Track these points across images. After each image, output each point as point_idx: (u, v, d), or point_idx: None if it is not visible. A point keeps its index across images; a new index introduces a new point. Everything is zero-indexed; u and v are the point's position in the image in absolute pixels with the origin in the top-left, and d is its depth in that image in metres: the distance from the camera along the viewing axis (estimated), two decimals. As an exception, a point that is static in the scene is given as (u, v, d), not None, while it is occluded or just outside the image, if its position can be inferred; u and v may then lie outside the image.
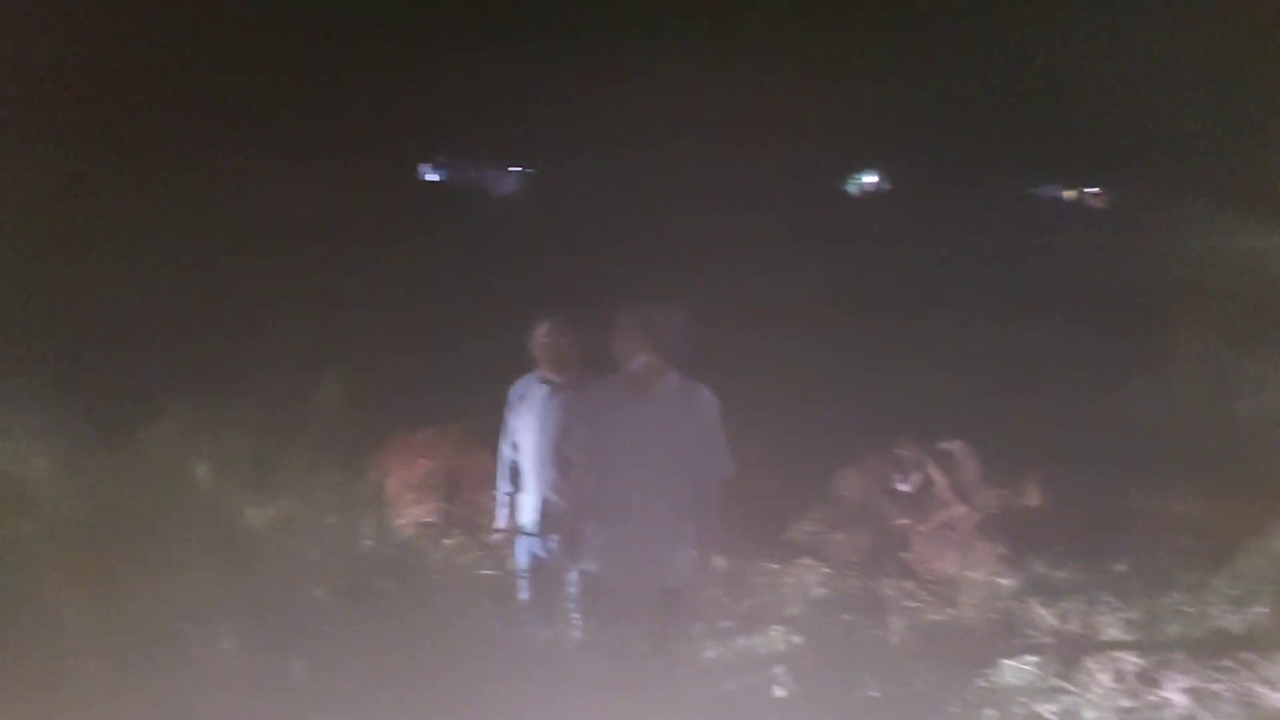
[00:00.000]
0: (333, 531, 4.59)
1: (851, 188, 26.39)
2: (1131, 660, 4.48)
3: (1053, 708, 4.12)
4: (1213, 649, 4.58)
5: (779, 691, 3.98)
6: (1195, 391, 7.19)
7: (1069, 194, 25.83)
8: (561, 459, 3.88)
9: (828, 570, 5.64)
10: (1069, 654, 4.57)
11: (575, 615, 3.86)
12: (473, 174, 21.95)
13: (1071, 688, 4.27)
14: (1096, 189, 26.12)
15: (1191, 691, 4.21)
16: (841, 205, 22.00)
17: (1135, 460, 6.45)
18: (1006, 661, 4.49)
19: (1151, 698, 4.18)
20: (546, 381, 4.13)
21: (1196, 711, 4.06)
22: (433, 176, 22.41)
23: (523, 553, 4.23)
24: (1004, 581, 5.38)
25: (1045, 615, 5.04)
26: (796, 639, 4.66)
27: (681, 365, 3.49)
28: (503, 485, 4.29)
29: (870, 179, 26.56)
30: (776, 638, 4.69)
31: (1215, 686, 4.24)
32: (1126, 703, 4.15)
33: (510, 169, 22.35)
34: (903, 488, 6.30)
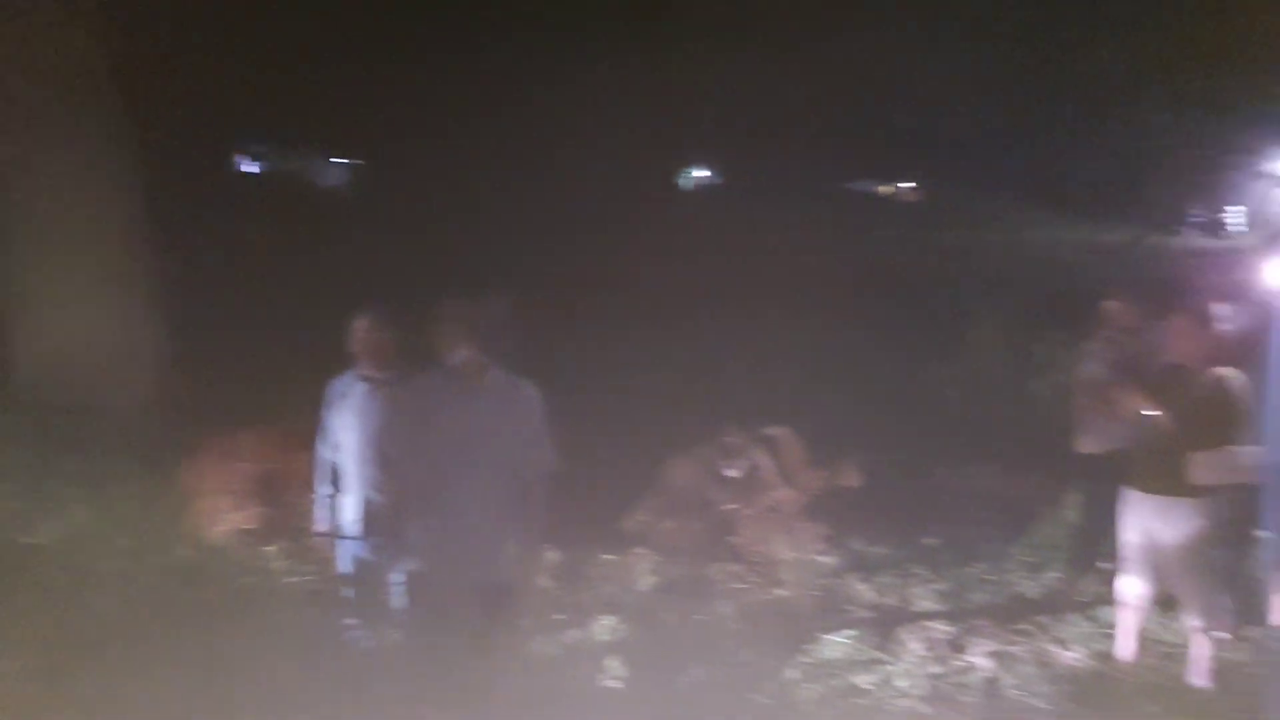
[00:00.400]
0: (141, 542, 4.32)
1: (684, 182, 26.88)
2: (941, 629, 4.76)
3: (870, 678, 4.32)
4: (1012, 614, 4.92)
5: (609, 681, 4.01)
6: (993, 374, 7.69)
7: (885, 189, 27.16)
8: (383, 457, 3.78)
9: (659, 558, 5.71)
10: (885, 626, 4.80)
11: (401, 616, 3.78)
12: (293, 165, 21.10)
13: (886, 658, 4.48)
14: (912, 184, 27.63)
15: (994, 655, 4.50)
16: (673, 199, 22.36)
17: (942, 439, 6.86)
18: (828, 637, 4.67)
19: (958, 663, 4.44)
20: (367, 378, 4.02)
21: (998, 673, 4.34)
22: (250, 168, 21.45)
23: (346, 555, 4.11)
24: (825, 560, 5.60)
25: (863, 590, 5.27)
26: (628, 628, 4.70)
27: (503, 360, 3.45)
28: (322, 487, 4.15)
29: (701, 173, 27.13)
30: (608, 628, 4.72)
31: (1014, 649, 4.56)
32: (936, 669, 4.39)
33: (333, 160, 21.61)
34: (731, 474, 6.44)
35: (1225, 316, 4.60)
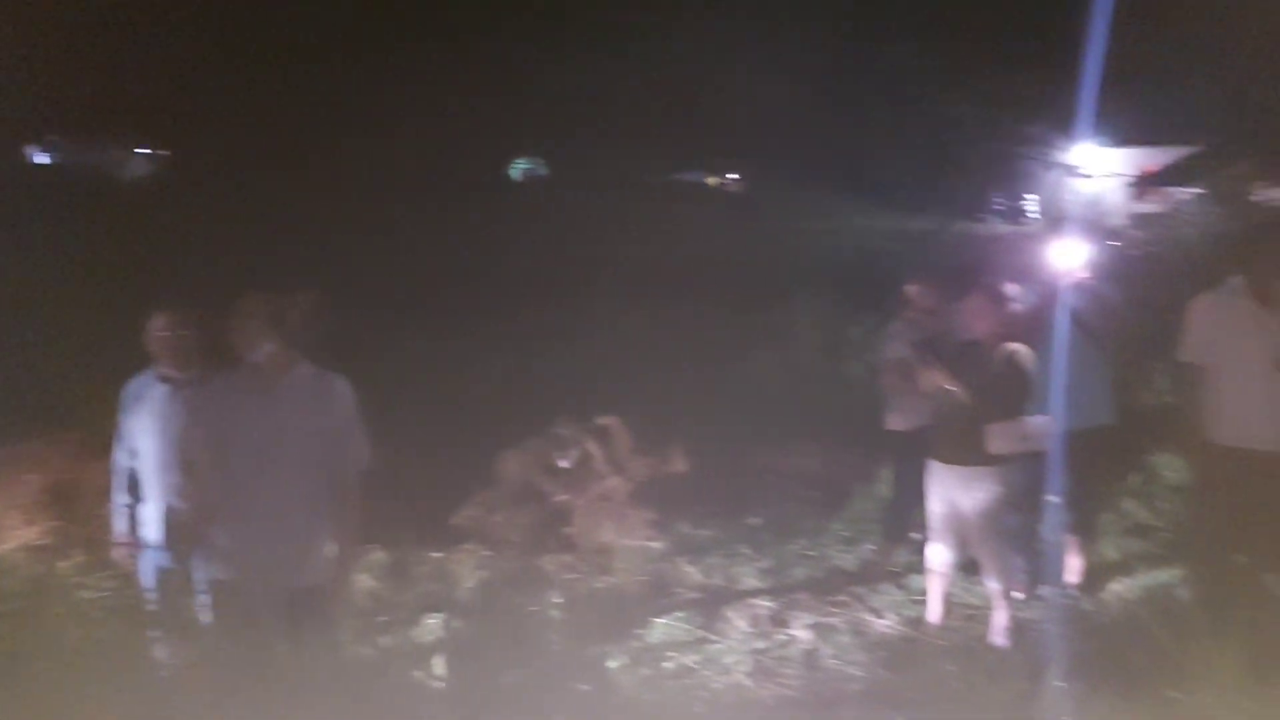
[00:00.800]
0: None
1: (514, 173, 26.72)
2: (764, 605, 4.90)
3: (697, 658, 4.41)
4: (830, 587, 5.12)
5: (434, 681, 3.93)
6: (811, 357, 7.98)
7: (711, 180, 27.74)
8: (185, 462, 3.57)
9: (489, 553, 5.66)
10: (712, 606, 4.91)
11: (210, 627, 3.59)
12: (90, 157, 19.70)
13: (713, 637, 4.59)
14: (735, 175, 28.34)
15: (813, 627, 4.67)
16: (501, 190, 22.13)
17: (763, 422, 7.06)
18: (657, 620, 4.75)
19: (780, 637, 4.59)
20: (166, 379, 3.80)
21: (817, 644, 4.51)
22: (42, 159, 19.98)
23: (149, 567, 3.88)
24: (655, 545, 5.67)
25: (691, 572, 5.37)
26: (456, 625, 4.63)
27: (312, 354, 3.32)
28: (120, 496, 3.90)
29: (530, 165, 26.98)
30: (435, 626, 4.64)
31: (832, 620, 4.74)
32: (760, 644, 4.52)
33: (134, 151, 20.31)
34: (563, 464, 6.43)
35: (1016, 296, 4.93)
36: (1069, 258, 4.69)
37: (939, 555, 4.56)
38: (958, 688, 3.64)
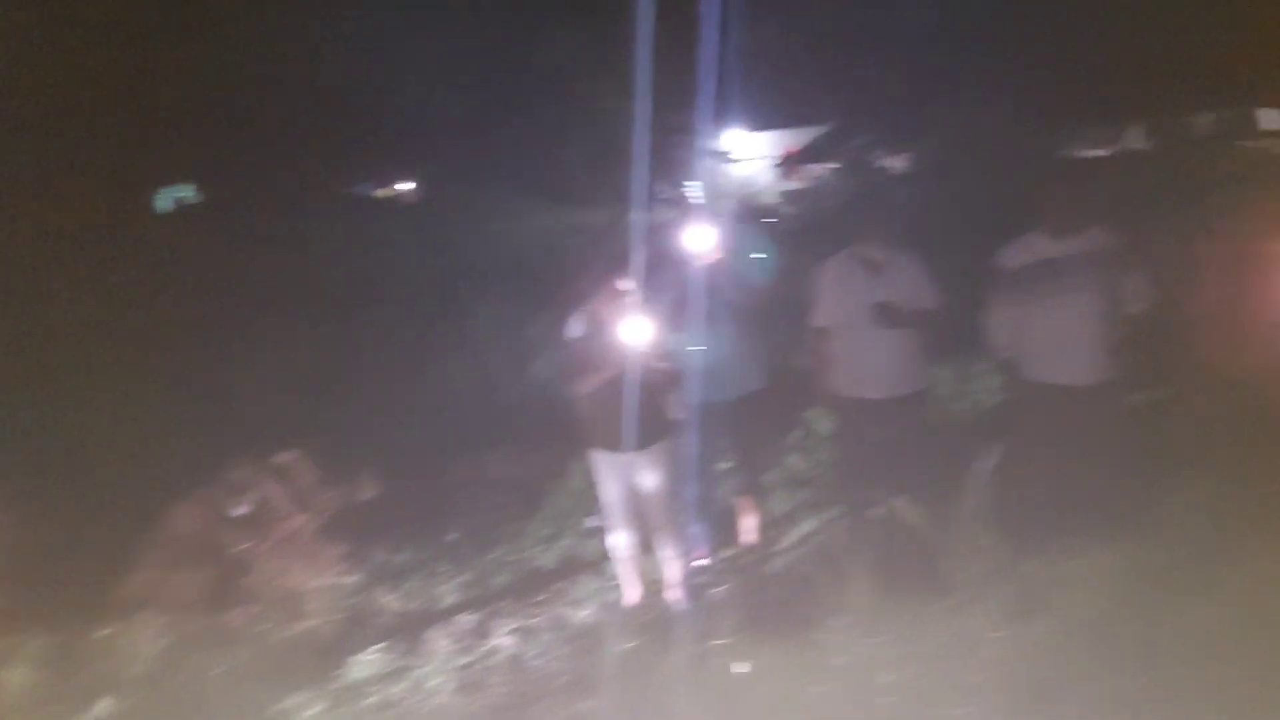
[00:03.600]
0: None
1: (164, 203, 24.67)
2: (466, 619, 4.87)
3: (401, 686, 4.31)
4: (532, 588, 5.16)
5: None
6: (498, 359, 7.95)
7: (380, 193, 27.03)
8: None
9: (170, 618, 5.20)
10: (413, 631, 4.82)
11: None
12: None
13: (416, 662, 4.51)
14: (410, 185, 27.74)
15: (516, 631, 4.70)
16: (152, 222, 20.27)
17: (455, 433, 6.96)
18: (355, 657, 4.59)
19: (483, 648, 4.58)
20: None
21: (520, 648, 4.54)
22: None
23: None
24: (349, 579, 5.46)
25: (390, 600, 5.22)
26: (130, 702, 4.23)
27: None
28: None
29: (184, 193, 24.98)
30: (107, 709, 4.21)
31: (534, 621, 4.80)
32: (464, 660, 4.49)
33: None
34: (240, 511, 6.05)
35: (665, 280, 5.16)
36: (717, 239, 4.95)
37: (624, 540, 4.72)
38: (647, 660, 3.81)
